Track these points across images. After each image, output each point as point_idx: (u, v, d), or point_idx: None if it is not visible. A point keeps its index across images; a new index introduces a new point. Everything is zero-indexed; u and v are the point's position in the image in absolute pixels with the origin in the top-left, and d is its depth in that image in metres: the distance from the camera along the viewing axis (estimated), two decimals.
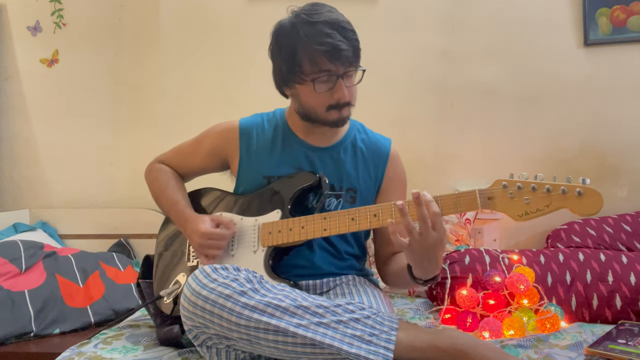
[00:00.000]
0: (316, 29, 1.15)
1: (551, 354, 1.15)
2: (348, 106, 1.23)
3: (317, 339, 0.93)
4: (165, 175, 1.38)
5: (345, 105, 1.21)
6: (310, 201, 1.28)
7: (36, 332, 1.52)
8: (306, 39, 1.15)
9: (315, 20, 1.16)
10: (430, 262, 1.03)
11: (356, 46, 1.19)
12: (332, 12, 1.19)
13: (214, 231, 1.20)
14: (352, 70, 1.20)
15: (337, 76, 1.17)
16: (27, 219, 2.18)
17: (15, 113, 2.27)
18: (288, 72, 1.20)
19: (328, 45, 1.14)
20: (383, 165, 1.34)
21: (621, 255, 1.55)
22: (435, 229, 0.99)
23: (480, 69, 2.08)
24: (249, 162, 1.32)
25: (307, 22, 1.16)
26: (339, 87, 1.18)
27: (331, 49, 1.14)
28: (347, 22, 1.19)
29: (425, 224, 0.98)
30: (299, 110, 1.27)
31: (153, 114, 2.22)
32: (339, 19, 1.18)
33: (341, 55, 1.15)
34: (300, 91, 1.22)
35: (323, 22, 1.16)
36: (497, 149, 2.08)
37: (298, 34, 1.16)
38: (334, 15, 1.19)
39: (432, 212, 0.99)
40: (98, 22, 2.24)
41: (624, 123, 2.01)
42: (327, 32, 1.14)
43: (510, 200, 1.01)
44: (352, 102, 1.24)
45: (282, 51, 1.20)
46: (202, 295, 0.97)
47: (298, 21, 1.17)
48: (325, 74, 1.17)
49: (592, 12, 2.01)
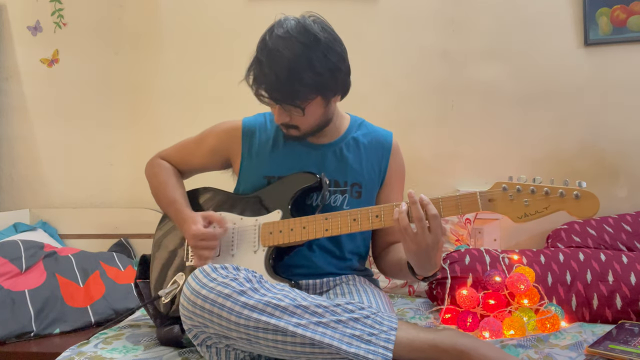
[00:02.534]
0: (261, 49, 1.14)
1: (551, 354, 1.15)
2: (293, 128, 1.22)
3: (316, 338, 0.93)
4: (165, 172, 1.38)
5: (285, 126, 1.22)
6: (311, 201, 1.28)
7: (36, 332, 1.52)
8: (255, 60, 1.16)
9: (265, 41, 1.14)
10: (427, 261, 1.04)
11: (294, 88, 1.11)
12: (281, 37, 1.12)
13: (205, 231, 1.20)
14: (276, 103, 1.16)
15: (268, 100, 1.17)
16: (27, 219, 2.18)
17: (15, 113, 2.27)
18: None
19: (261, 76, 1.13)
20: (386, 158, 1.34)
21: (621, 255, 1.55)
22: (431, 231, 1.01)
23: (480, 69, 2.08)
24: (251, 162, 1.32)
25: (262, 39, 1.16)
26: (273, 111, 1.20)
27: (263, 82, 1.14)
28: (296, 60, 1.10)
29: (421, 224, 1.00)
30: None
31: (153, 114, 2.22)
32: (286, 56, 1.10)
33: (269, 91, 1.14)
34: None
35: (266, 48, 1.13)
36: (497, 149, 2.08)
37: (257, 50, 1.16)
38: (280, 42, 1.11)
39: (431, 214, 1.01)
40: (98, 22, 2.23)
41: (624, 123, 2.01)
42: (261, 59, 1.13)
43: (510, 203, 1.03)
44: (301, 127, 1.22)
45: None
46: (201, 294, 0.97)
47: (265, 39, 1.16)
48: (259, 96, 1.17)
49: (592, 12, 2.01)
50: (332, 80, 1.16)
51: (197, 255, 1.22)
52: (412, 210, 1.02)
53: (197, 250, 1.21)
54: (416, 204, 1.02)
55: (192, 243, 1.21)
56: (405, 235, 1.02)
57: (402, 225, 1.02)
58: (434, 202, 1.05)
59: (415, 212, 1.01)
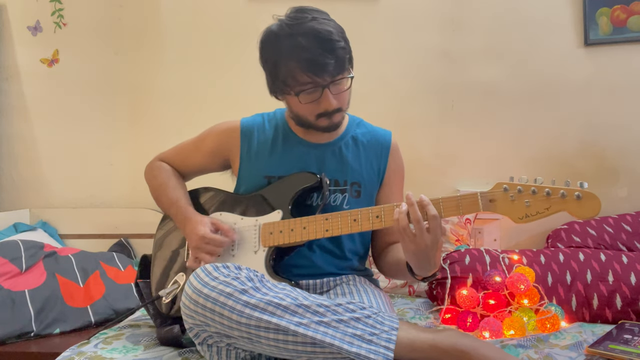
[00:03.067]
0: (295, 42, 1.13)
1: (551, 354, 1.15)
2: (339, 112, 1.22)
3: (317, 337, 0.93)
4: (165, 173, 1.38)
5: (335, 112, 1.21)
6: (311, 201, 1.28)
7: (36, 332, 1.52)
8: (285, 52, 1.14)
9: (295, 32, 1.13)
10: (426, 261, 1.05)
11: (340, 55, 1.14)
12: (315, 21, 1.14)
13: (213, 237, 1.19)
14: (337, 79, 1.17)
15: (322, 86, 1.16)
16: (27, 219, 2.18)
17: (15, 113, 2.27)
18: (273, 84, 1.21)
19: (305, 60, 1.12)
20: (385, 157, 1.34)
21: (621, 255, 1.55)
22: (430, 231, 1.01)
23: (480, 69, 2.08)
24: (250, 162, 1.32)
25: (287, 35, 1.14)
26: (324, 98, 1.17)
27: (309, 62, 1.12)
28: (329, 31, 1.13)
29: (420, 226, 1.01)
30: (292, 116, 1.28)
31: (153, 114, 2.22)
32: (319, 29, 1.13)
33: (321, 67, 1.13)
34: (289, 101, 1.23)
35: (303, 34, 1.13)
36: (497, 149, 2.08)
37: (279, 47, 1.15)
38: (316, 24, 1.14)
39: (430, 215, 1.02)
40: (98, 22, 2.23)
41: (624, 123, 2.01)
42: (305, 46, 1.12)
43: (511, 203, 1.03)
44: (343, 107, 1.23)
45: (267, 63, 1.21)
46: (203, 293, 0.97)
47: (281, 33, 1.16)
48: (310, 86, 1.16)
49: (592, 12, 2.01)
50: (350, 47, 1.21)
51: (195, 257, 1.21)
52: (410, 212, 1.03)
53: (198, 252, 1.20)
54: (413, 205, 1.03)
55: (196, 244, 1.20)
56: (404, 236, 1.03)
57: (401, 225, 1.03)
58: (434, 203, 1.05)
59: (413, 214, 1.02)
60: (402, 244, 1.05)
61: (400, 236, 1.04)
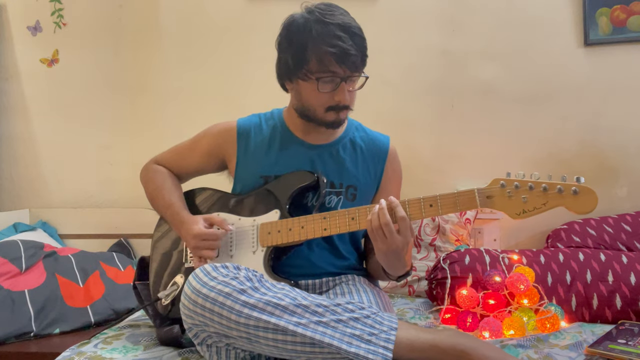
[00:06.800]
0: (329, 29, 1.15)
1: (551, 354, 1.15)
2: (346, 109, 1.24)
3: (316, 337, 0.93)
4: (160, 176, 1.37)
5: (344, 108, 1.22)
6: (308, 200, 1.28)
7: (36, 332, 1.52)
8: (318, 37, 1.16)
9: (329, 21, 1.16)
10: (396, 261, 1.09)
11: (364, 53, 1.20)
12: (345, 16, 1.20)
13: (207, 231, 1.20)
14: (356, 75, 1.20)
15: (341, 79, 1.18)
16: (27, 219, 2.18)
17: (15, 113, 2.27)
18: (294, 66, 1.20)
19: (338, 47, 1.15)
20: (382, 162, 1.34)
21: (621, 255, 1.55)
22: (400, 233, 1.05)
23: (480, 69, 2.08)
24: (246, 162, 1.32)
25: (321, 21, 1.17)
26: (341, 90, 1.19)
27: (340, 52, 1.15)
28: (359, 27, 1.20)
29: (388, 228, 1.04)
30: (298, 107, 1.27)
31: (153, 114, 2.22)
32: (352, 24, 1.18)
33: (349, 59, 1.16)
34: (303, 87, 1.22)
35: (336, 25, 1.16)
36: (497, 149, 2.08)
37: (310, 31, 1.17)
38: (347, 19, 1.19)
39: (399, 216, 1.05)
40: (98, 22, 2.23)
41: (623, 123, 2.01)
42: (339, 35, 1.15)
43: (508, 199, 1.03)
44: (351, 106, 1.25)
45: (292, 45, 1.20)
46: (202, 293, 0.97)
47: (312, 18, 1.18)
48: (330, 75, 1.17)
49: (592, 12, 2.01)
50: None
51: (198, 256, 1.21)
52: (380, 214, 1.06)
53: (198, 251, 1.21)
54: (383, 209, 1.06)
55: (194, 243, 1.21)
56: (376, 236, 1.07)
57: (373, 226, 1.06)
58: (431, 200, 1.06)
59: (382, 216, 1.05)
60: (374, 244, 1.08)
61: (372, 237, 1.08)
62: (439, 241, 1.85)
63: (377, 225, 1.06)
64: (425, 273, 1.77)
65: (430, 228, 1.87)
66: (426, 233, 1.87)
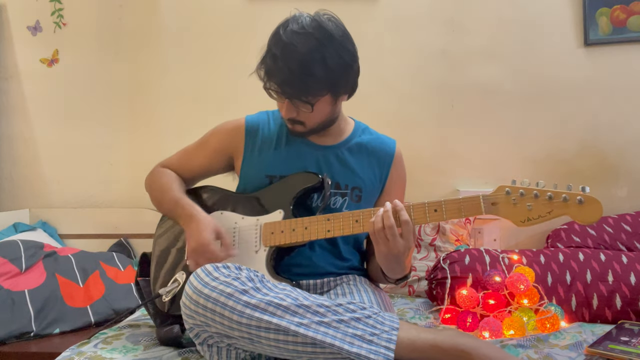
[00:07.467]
0: (274, 42, 1.15)
1: (551, 354, 1.15)
2: (299, 124, 1.23)
3: (318, 338, 0.93)
4: (167, 177, 1.36)
5: (293, 122, 1.22)
6: (312, 201, 1.28)
7: (36, 332, 1.52)
8: (267, 46, 1.16)
9: (280, 34, 1.15)
10: (397, 264, 1.09)
11: (303, 80, 1.12)
12: (297, 35, 1.12)
13: (213, 250, 1.16)
14: (288, 97, 1.17)
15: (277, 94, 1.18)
16: (27, 218, 2.18)
17: (15, 113, 2.27)
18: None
19: (267, 65, 1.16)
20: (388, 166, 1.34)
21: (621, 255, 1.55)
22: (403, 237, 1.05)
23: (480, 69, 2.08)
24: (252, 159, 1.32)
25: (276, 32, 1.16)
26: (280, 106, 1.21)
27: (268, 69, 1.15)
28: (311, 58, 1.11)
29: (392, 231, 1.04)
30: None
31: (153, 114, 2.22)
32: (297, 48, 1.11)
33: (275, 80, 1.15)
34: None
35: (282, 41, 1.13)
36: (497, 149, 2.08)
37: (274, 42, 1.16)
38: (300, 39, 1.12)
39: (402, 220, 1.05)
40: (98, 22, 2.23)
41: (624, 123, 2.02)
42: (274, 53, 1.14)
43: (513, 207, 1.03)
44: (307, 124, 1.23)
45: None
46: (203, 293, 0.97)
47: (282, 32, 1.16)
48: (267, 89, 1.19)
49: (592, 12, 2.01)
50: (343, 78, 1.19)
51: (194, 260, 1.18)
52: (384, 217, 1.05)
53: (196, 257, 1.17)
54: (387, 212, 1.05)
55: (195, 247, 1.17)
56: (378, 239, 1.06)
57: (376, 228, 1.06)
58: (436, 205, 1.06)
59: (386, 219, 1.05)
60: (375, 246, 1.08)
61: (374, 239, 1.07)
62: (439, 241, 1.85)
63: (381, 227, 1.05)
64: (425, 273, 1.77)
65: (430, 228, 1.88)
66: (426, 233, 1.87)
